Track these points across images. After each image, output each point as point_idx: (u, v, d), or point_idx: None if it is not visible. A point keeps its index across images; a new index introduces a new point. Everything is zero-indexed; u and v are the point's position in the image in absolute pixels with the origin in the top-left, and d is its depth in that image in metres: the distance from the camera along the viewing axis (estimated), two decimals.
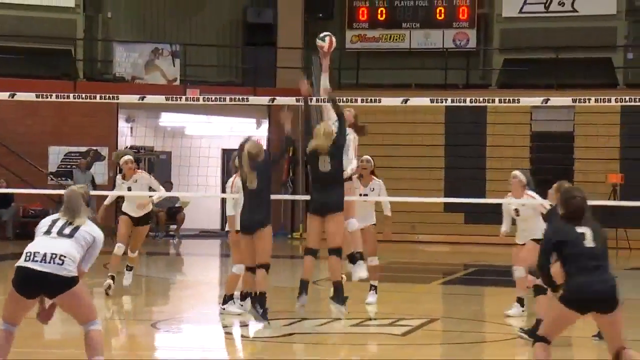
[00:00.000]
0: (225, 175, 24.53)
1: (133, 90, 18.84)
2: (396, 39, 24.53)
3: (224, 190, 22.98)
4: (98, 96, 12.31)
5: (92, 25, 24.17)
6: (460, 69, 24.32)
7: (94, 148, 22.20)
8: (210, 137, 24.54)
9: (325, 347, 9.07)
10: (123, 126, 23.96)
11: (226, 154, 25.02)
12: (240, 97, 12.30)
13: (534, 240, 9.75)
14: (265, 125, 24.65)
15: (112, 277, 11.58)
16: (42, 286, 6.17)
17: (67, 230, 6.32)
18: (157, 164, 24.04)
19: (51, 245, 6.21)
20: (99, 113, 21.78)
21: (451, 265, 17.12)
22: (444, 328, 10.14)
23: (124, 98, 12.44)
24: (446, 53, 23.87)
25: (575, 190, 6.62)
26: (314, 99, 10.68)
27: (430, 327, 9.95)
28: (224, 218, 24.41)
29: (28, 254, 6.21)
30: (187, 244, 21.82)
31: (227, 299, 10.19)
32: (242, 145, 9.49)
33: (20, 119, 21.51)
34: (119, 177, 12.22)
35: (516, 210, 10.16)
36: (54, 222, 6.38)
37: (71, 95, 12.53)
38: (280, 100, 12.52)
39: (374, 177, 11.10)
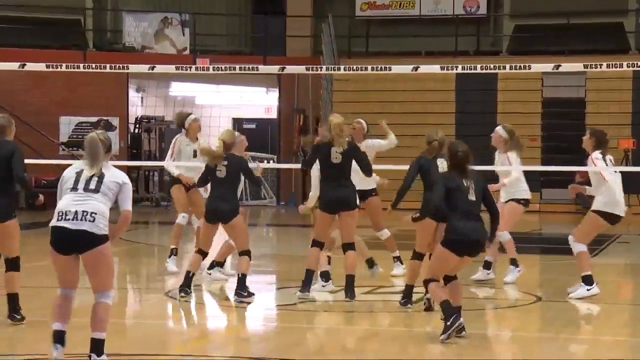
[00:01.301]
0: None
1: (143, 60, 18.83)
2: (406, 6, 24.40)
3: None
4: (108, 66, 12.29)
5: None
6: (471, 36, 24.20)
7: (105, 118, 22.23)
8: (220, 106, 24.57)
9: (335, 314, 9.11)
10: (133, 96, 23.99)
11: (236, 122, 25.05)
12: (250, 66, 12.24)
13: (514, 200, 10.41)
14: (275, 94, 24.64)
15: (175, 251, 11.15)
16: (75, 243, 6.28)
17: (92, 185, 6.37)
18: (168, 134, 24.05)
19: (81, 203, 6.30)
20: (109, 83, 21.80)
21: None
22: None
23: (133, 68, 12.42)
24: (457, 20, 23.75)
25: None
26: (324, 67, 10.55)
27: None
28: None
29: (60, 213, 6.32)
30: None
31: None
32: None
33: (30, 90, 21.54)
34: (182, 138, 11.42)
35: None
36: (79, 175, 6.42)
37: (81, 65, 12.50)
38: (291, 68, 12.50)
39: (367, 139, 11.01)
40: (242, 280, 9.19)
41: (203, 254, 9.61)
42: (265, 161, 22.61)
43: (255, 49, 24.51)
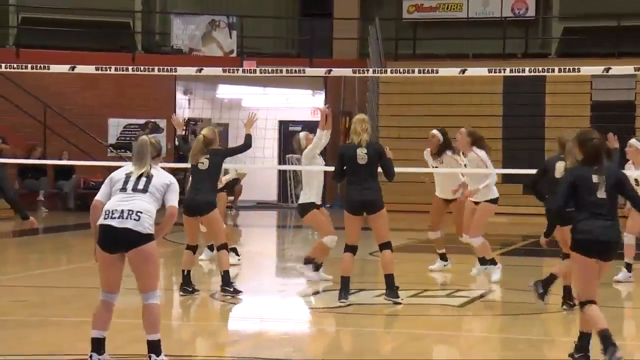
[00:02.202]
0: (282, 146, 24.62)
1: (190, 62, 18.96)
2: (453, 8, 24.28)
3: (281, 162, 23.21)
4: (156, 68, 12.40)
5: None
6: (519, 38, 24.01)
7: (153, 120, 22.39)
8: (267, 109, 24.57)
9: (381, 317, 9.08)
10: (181, 98, 24.13)
11: (283, 125, 25.08)
12: (297, 69, 12.25)
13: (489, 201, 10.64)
14: (321, 96, 24.63)
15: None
16: (120, 241, 6.34)
17: (141, 185, 6.46)
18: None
19: (127, 202, 6.38)
20: (157, 85, 21.95)
21: (509, 236, 16.98)
22: (502, 299, 10.09)
23: (181, 70, 12.49)
24: (505, 22, 23.58)
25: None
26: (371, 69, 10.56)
27: (488, 298, 9.91)
28: (280, 189, 24.52)
29: (107, 212, 6.39)
30: (244, 216, 21.96)
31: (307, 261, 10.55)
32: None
33: (80, 92, 21.77)
34: None
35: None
36: (128, 176, 6.51)
37: (130, 67, 12.61)
38: (337, 71, 12.51)
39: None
40: (225, 276, 9.45)
41: (192, 248, 9.77)
42: None
43: (301, 51, 24.54)
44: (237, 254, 12.00)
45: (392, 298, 9.25)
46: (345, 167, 9.38)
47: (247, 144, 10.06)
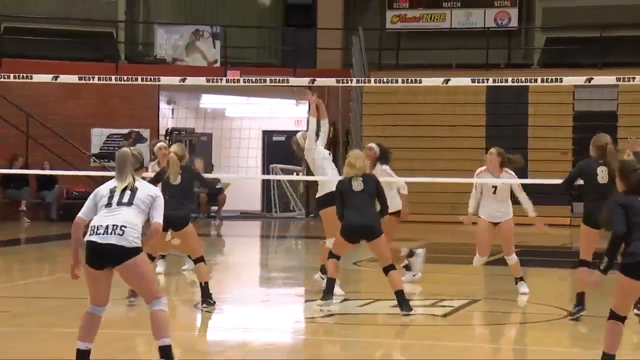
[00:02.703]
0: (266, 156, 24.60)
1: (174, 72, 18.91)
2: (437, 19, 24.36)
3: (264, 172, 23.19)
4: (140, 78, 12.36)
5: (133, 8, 24.30)
6: (502, 49, 24.11)
7: (136, 130, 22.33)
8: (251, 119, 24.59)
9: (366, 327, 9.08)
10: (164, 108, 24.10)
11: (266, 135, 25.07)
12: (280, 79, 12.27)
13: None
14: (304, 106, 24.64)
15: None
16: (106, 257, 6.31)
17: (125, 198, 6.44)
18: (198, 146, 24.14)
19: (111, 217, 6.37)
20: (140, 95, 21.91)
21: (493, 246, 16.98)
22: (486, 309, 10.10)
23: (165, 80, 12.45)
24: (487, 32, 23.67)
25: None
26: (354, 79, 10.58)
27: (472, 308, 9.92)
28: (264, 199, 24.50)
29: (92, 228, 6.39)
30: (228, 225, 21.93)
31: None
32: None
33: (63, 101, 21.70)
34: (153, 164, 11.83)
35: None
36: (112, 191, 6.49)
37: (113, 77, 12.59)
38: (321, 81, 12.52)
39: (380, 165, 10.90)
40: (205, 288, 9.46)
41: (151, 258, 9.72)
42: (295, 173, 22.61)
43: (285, 61, 24.56)
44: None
45: (407, 311, 9.11)
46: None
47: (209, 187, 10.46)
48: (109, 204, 6.43)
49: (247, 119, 24.40)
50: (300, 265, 14.77)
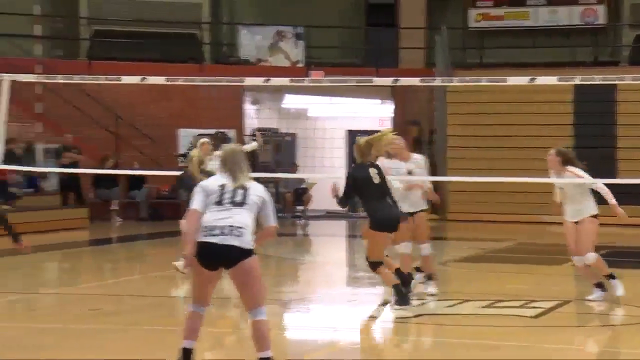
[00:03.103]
0: (350, 156, 24.62)
1: (258, 72, 19.08)
2: (521, 17, 24.08)
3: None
4: (224, 79, 12.51)
5: (217, 9, 24.58)
6: (588, 47, 23.71)
7: (221, 130, 22.55)
8: (334, 118, 24.67)
9: (454, 328, 9.04)
10: (248, 108, 24.32)
11: (351, 134, 25.10)
12: (363, 79, 12.27)
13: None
14: (389, 105, 24.62)
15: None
16: (222, 258, 6.23)
17: (238, 198, 6.30)
18: (283, 146, 24.31)
19: (227, 217, 6.24)
20: (225, 95, 22.17)
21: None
22: (577, 310, 9.96)
23: (249, 81, 12.57)
24: (573, 30, 23.31)
25: None
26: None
27: (562, 309, 9.79)
28: None
29: (207, 229, 6.22)
30: (313, 225, 22.02)
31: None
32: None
33: (150, 103, 22.08)
34: None
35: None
36: (222, 188, 6.34)
37: (198, 78, 12.76)
38: (404, 80, 12.47)
39: (413, 153, 10.74)
40: None
41: None
42: None
43: (368, 61, 24.55)
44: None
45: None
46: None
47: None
48: (219, 202, 6.28)
49: (331, 118, 24.49)
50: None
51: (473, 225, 20.36)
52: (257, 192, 6.40)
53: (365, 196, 9.37)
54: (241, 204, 6.29)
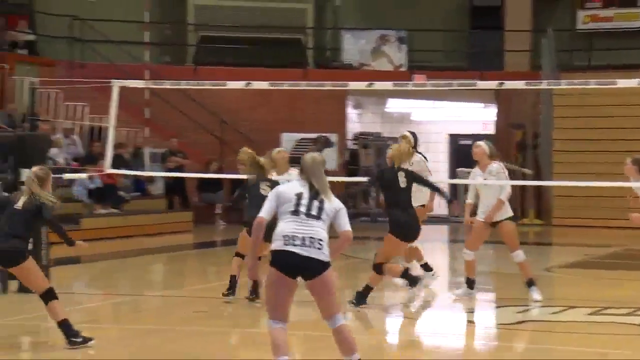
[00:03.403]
0: (453, 160, 24.46)
1: (361, 76, 19.10)
2: (631, 18, 23.51)
3: (451, 176, 23.03)
4: (328, 83, 12.54)
5: (321, 14, 24.71)
6: None
7: (324, 135, 22.70)
8: (437, 122, 24.53)
9: (558, 335, 8.87)
10: (351, 113, 24.37)
11: (453, 138, 24.93)
12: (468, 82, 12.15)
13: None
14: (492, 109, 24.35)
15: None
16: (303, 269, 6.21)
17: (314, 211, 6.27)
18: (385, 150, 24.22)
19: (306, 229, 6.21)
20: (328, 100, 22.26)
21: None
22: None
23: (353, 85, 12.57)
24: None
25: None
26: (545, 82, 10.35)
27: None
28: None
29: (287, 237, 6.19)
30: None
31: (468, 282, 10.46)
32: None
33: (254, 107, 22.34)
34: None
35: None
36: (298, 197, 6.29)
37: (302, 83, 12.84)
38: (509, 84, 12.29)
39: (493, 162, 10.53)
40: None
41: (241, 257, 10.25)
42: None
43: (472, 64, 24.33)
44: (428, 269, 11.86)
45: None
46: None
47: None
48: (296, 212, 6.25)
49: (433, 122, 24.35)
50: (489, 271, 14.57)
51: (578, 231, 19.96)
52: (333, 204, 6.33)
53: (390, 199, 9.65)
54: (317, 217, 6.26)
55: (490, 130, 24.53)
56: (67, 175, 12.87)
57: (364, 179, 12.12)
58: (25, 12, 22.49)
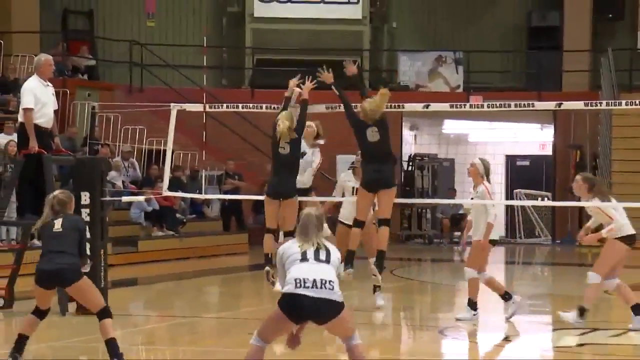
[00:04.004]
0: (509, 181, 24.28)
1: (417, 98, 19.05)
2: None
3: (508, 197, 22.88)
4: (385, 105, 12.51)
5: (377, 36, 24.75)
6: None
7: None
8: (494, 144, 24.38)
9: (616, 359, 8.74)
10: (407, 134, 24.33)
11: (510, 159, 24.75)
12: (525, 103, 12.06)
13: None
14: (549, 130, 24.14)
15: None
16: (314, 312, 6.22)
17: (322, 256, 6.32)
18: (441, 171, 24.17)
19: (317, 271, 6.24)
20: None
21: None
22: None
23: (409, 106, 12.55)
24: None
25: None
26: None
27: None
28: (508, 225, 24.14)
29: (298, 281, 6.18)
30: None
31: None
32: None
33: None
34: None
35: None
36: (302, 248, 6.34)
37: (358, 105, 12.83)
38: (568, 104, 12.17)
39: (483, 182, 10.34)
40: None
41: (272, 231, 10.35)
42: (540, 198, 22.12)
43: (529, 84, 24.16)
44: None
45: (376, 268, 10.14)
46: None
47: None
48: (304, 259, 6.29)
49: (491, 144, 24.21)
50: (546, 293, 14.43)
51: (638, 252, 19.61)
52: (336, 253, 6.42)
53: None
54: (326, 261, 6.30)
55: (548, 151, 24.32)
56: (125, 198, 13.01)
57: (423, 200, 12.07)
58: (86, 38, 22.91)
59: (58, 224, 7.65)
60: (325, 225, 10.35)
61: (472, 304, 10.22)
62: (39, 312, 7.61)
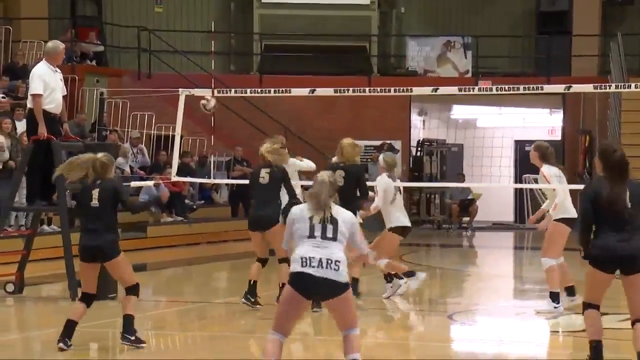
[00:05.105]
0: (518, 166, 24.23)
1: (425, 83, 19.02)
2: None
3: (517, 181, 22.84)
4: (392, 90, 12.51)
5: (386, 21, 24.69)
6: None
7: (388, 141, 22.65)
8: (503, 128, 24.32)
9: (625, 343, 8.72)
10: (415, 119, 24.30)
11: (518, 144, 24.70)
12: (534, 86, 12.03)
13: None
14: (558, 115, 24.07)
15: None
16: (319, 290, 6.30)
17: (329, 233, 6.33)
18: (449, 156, 24.15)
19: (323, 250, 6.28)
20: (392, 107, 22.23)
21: None
22: None
23: (417, 90, 12.53)
24: None
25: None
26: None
27: None
28: (517, 210, 24.12)
29: (303, 259, 6.27)
30: (480, 236, 21.76)
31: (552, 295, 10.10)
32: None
33: (318, 115, 22.39)
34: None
35: None
36: (311, 221, 6.35)
37: (366, 89, 12.83)
38: (577, 87, 12.15)
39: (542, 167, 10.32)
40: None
41: (262, 261, 10.34)
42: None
43: (538, 69, 24.09)
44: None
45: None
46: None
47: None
48: (312, 236, 6.33)
49: (499, 128, 24.15)
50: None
51: None
52: (345, 220, 6.38)
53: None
54: (333, 238, 6.31)
55: (557, 136, 24.27)
56: (134, 183, 13.04)
57: (432, 184, 12.01)
58: (94, 24, 22.89)
59: (95, 196, 7.87)
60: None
61: (554, 295, 9.93)
62: (86, 297, 7.91)
